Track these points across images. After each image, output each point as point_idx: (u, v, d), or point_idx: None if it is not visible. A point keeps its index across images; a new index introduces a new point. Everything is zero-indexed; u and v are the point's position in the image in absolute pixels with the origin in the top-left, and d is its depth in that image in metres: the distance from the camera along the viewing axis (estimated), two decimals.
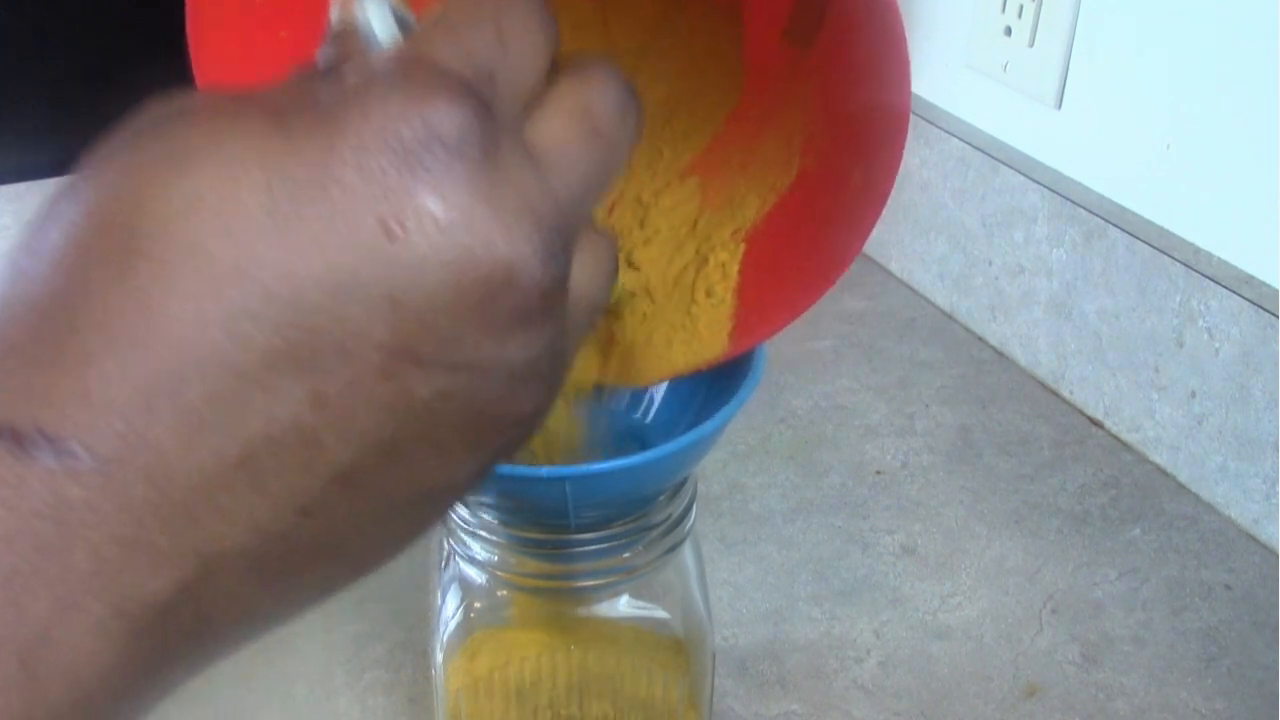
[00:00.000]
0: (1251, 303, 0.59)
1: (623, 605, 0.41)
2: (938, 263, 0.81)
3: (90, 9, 0.85)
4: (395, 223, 0.18)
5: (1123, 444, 0.68)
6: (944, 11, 0.77)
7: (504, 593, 0.40)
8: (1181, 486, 0.65)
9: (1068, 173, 0.70)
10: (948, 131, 0.78)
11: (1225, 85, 0.60)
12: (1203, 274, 0.61)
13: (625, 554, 0.38)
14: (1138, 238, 0.65)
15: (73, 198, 0.19)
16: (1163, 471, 0.66)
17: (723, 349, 0.36)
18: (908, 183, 0.82)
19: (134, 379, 0.17)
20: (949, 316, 0.81)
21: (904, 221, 0.83)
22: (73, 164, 0.20)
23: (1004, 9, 0.71)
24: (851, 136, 0.32)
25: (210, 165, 0.18)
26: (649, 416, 0.40)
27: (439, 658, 0.41)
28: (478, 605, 0.41)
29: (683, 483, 0.38)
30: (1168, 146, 0.63)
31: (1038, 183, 0.71)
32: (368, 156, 0.18)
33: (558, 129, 0.21)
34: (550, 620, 0.42)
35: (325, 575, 0.21)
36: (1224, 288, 0.60)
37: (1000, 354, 0.77)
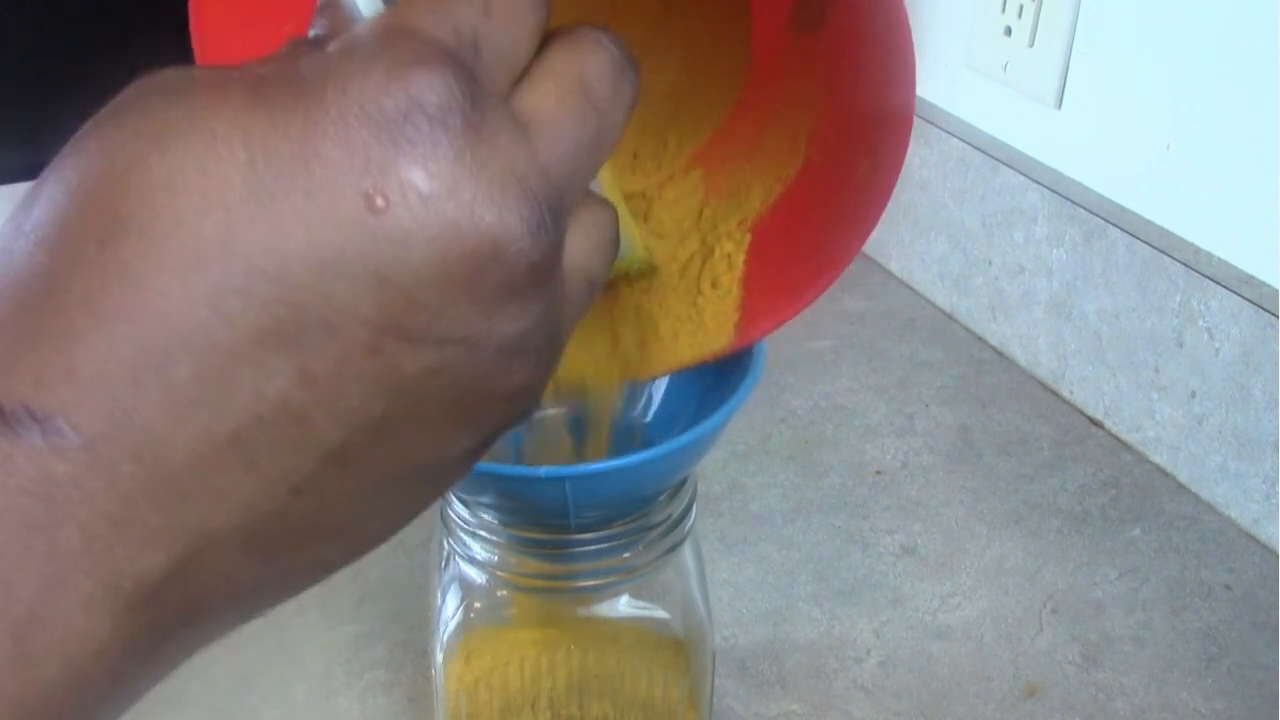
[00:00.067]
0: (1251, 303, 0.59)
1: (623, 605, 0.41)
2: (938, 263, 0.81)
3: (85, 9, 0.85)
4: (379, 196, 0.18)
5: (1123, 444, 0.68)
6: (944, 11, 0.77)
7: (504, 593, 0.40)
8: (1181, 486, 0.65)
9: (1068, 173, 0.70)
10: (948, 131, 0.78)
11: (1225, 85, 0.60)
12: (1203, 274, 0.61)
13: (625, 554, 0.38)
14: (1138, 238, 0.65)
15: (57, 175, 0.18)
16: (1163, 471, 0.66)
17: (729, 340, 0.36)
18: (908, 182, 0.82)
19: (120, 356, 0.17)
20: (949, 316, 0.81)
21: (904, 221, 0.83)
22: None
23: (1004, 9, 0.71)
24: (858, 130, 0.32)
25: (193, 141, 0.18)
26: (649, 415, 0.40)
27: (439, 658, 0.41)
28: (478, 605, 0.41)
29: (683, 483, 0.38)
30: (1168, 146, 0.63)
31: (1038, 183, 0.71)
32: (349, 129, 0.18)
33: (547, 98, 0.21)
34: (550, 620, 0.42)
35: (319, 555, 0.20)
36: (1224, 288, 0.60)
37: (1000, 354, 0.77)
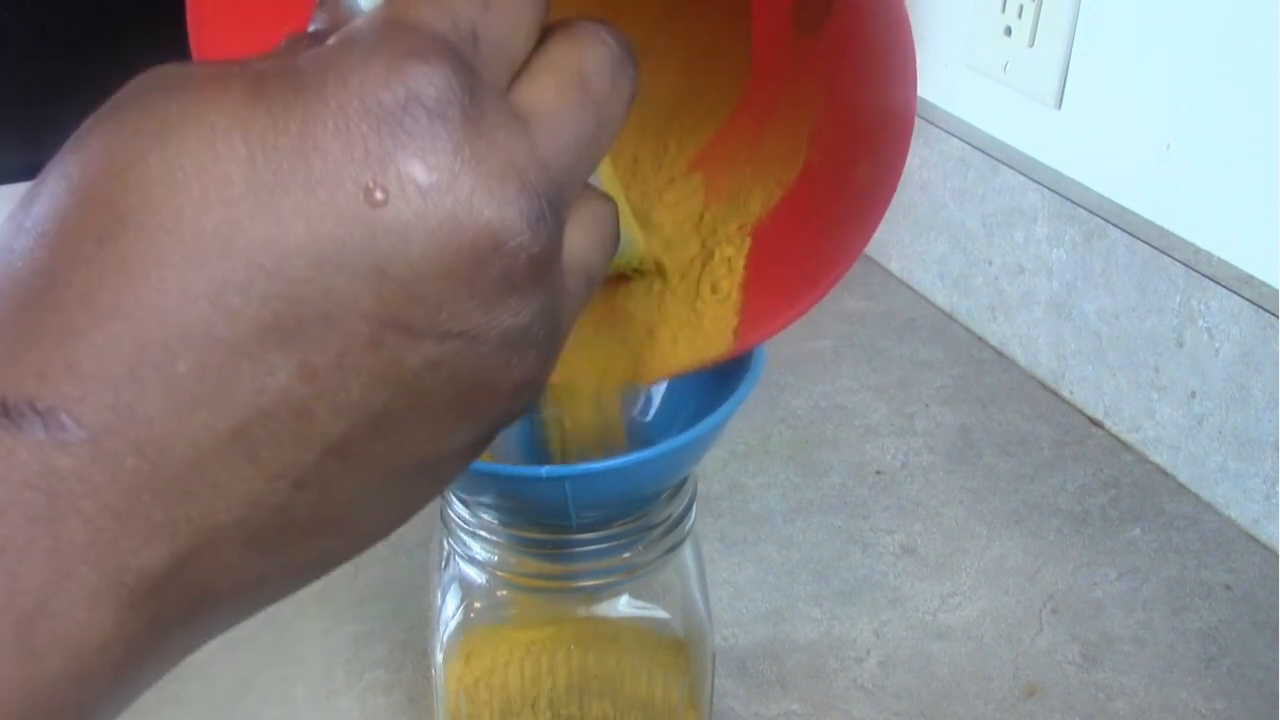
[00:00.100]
0: (1251, 303, 0.59)
1: (623, 605, 0.41)
2: (938, 263, 0.81)
3: (81, 11, 0.85)
4: (378, 189, 0.18)
5: (1123, 444, 0.68)
6: (944, 11, 0.77)
7: (504, 593, 0.40)
8: (1181, 486, 0.65)
9: (1068, 173, 0.70)
10: (948, 131, 0.78)
11: (1225, 85, 0.60)
12: (1203, 274, 0.61)
13: (625, 554, 0.38)
14: (1138, 238, 0.65)
15: (58, 171, 0.19)
16: (1163, 471, 0.66)
17: (728, 345, 0.36)
18: (908, 183, 0.82)
19: (121, 352, 0.17)
20: (949, 316, 0.81)
21: (904, 221, 0.83)
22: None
23: (1004, 9, 0.71)
24: (858, 131, 0.32)
25: (192, 137, 0.18)
26: (649, 415, 0.40)
27: (439, 658, 0.41)
28: (478, 605, 0.41)
29: (683, 483, 0.38)
30: (1168, 146, 0.63)
31: (1038, 183, 0.71)
32: (348, 122, 0.18)
33: (546, 91, 0.21)
34: (550, 620, 0.42)
35: (321, 548, 0.20)
36: (1224, 288, 0.60)
37: (1000, 354, 0.77)
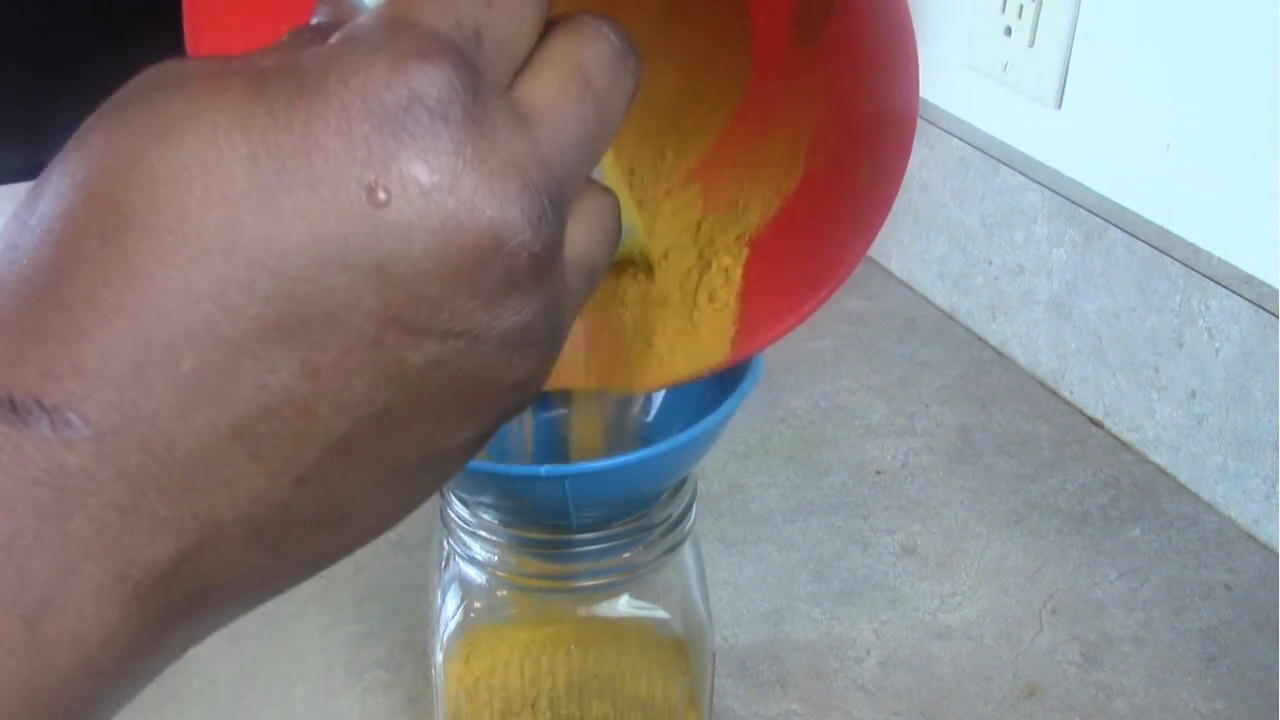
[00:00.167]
0: (1251, 303, 0.59)
1: (623, 605, 0.41)
2: (938, 263, 0.81)
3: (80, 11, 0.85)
4: (380, 189, 0.18)
5: (1123, 444, 0.68)
6: (944, 11, 0.77)
7: (504, 593, 0.40)
8: (1181, 486, 0.65)
9: (1068, 173, 0.70)
10: (948, 131, 0.78)
11: (1225, 85, 0.60)
12: (1203, 274, 0.61)
13: (625, 554, 0.38)
14: (1138, 238, 0.65)
15: (61, 169, 0.19)
16: (1163, 471, 0.66)
17: (725, 355, 0.35)
18: (908, 183, 0.82)
19: (124, 350, 0.17)
20: (949, 316, 0.81)
21: (904, 221, 0.83)
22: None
23: (1004, 9, 0.71)
24: (859, 135, 0.32)
25: (194, 135, 0.18)
26: (649, 415, 0.40)
27: (439, 658, 0.41)
28: (478, 605, 0.41)
29: (683, 483, 0.38)
30: (1168, 146, 0.63)
31: (1038, 183, 0.71)
32: (350, 122, 0.18)
33: (548, 87, 0.21)
34: (550, 620, 0.42)
35: (323, 543, 0.21)
36: (1224, 288, 0.60)
37: (1000, 354, 0.77)
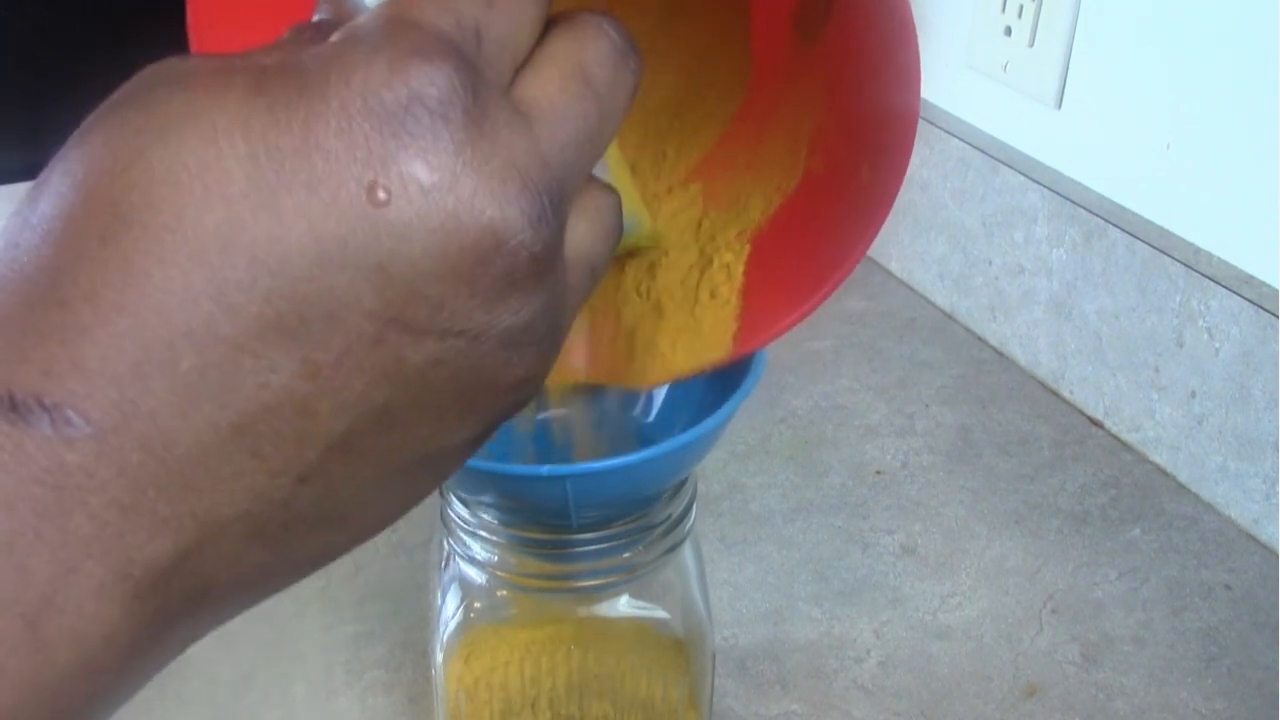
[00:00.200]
0: (1251, 303, 0.59)
1: (623, 605, 0.41)
2: (938, 263, 0.81)
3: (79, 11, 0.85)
4: (380, 188, 0.18)
5: (1123, 444, 0.68)
6: (944, 11, 0.77)
7: (504, 593, 0.40)
8: (1181, 486, 0.65)
9: (1068, 173, 0.70)
10: (948, 131, 0.78)
11: (1225, 85, 0.60)
12: (1203, 274, 0.61)
13: (625, 554, 0.38)
14: (1138, 238, 0.65)
15: (62, 168, 0.19)
16: (1163, 471, 0.66)
17: (727, 352, 0.36)
18: (908, 183, 0.82)
19: (124, 349, 0.17)
20: (949, 316, 0.81)
21: (904, 221, 0.83)
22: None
23: (1004, 9, 0.71)
24: (860, 135, 0.32)
25: (192, 134, 0.18)
26: (650, 416, 0.40)
27: (439, 658, 0.41)
28: (478, 605, 0.41)
29: (683, 483, 0.38)
30: (1168, 146, 0.63)
31: (1038, 183, 0.71)
32: (350, 122, 0.18)
33: (548, 85, 0.21)
34: (550, 620, 0.42)
35: (324, 541, 0.21)
36: (1224, 288, 0.60)
37: (1000, 354, 0.77)
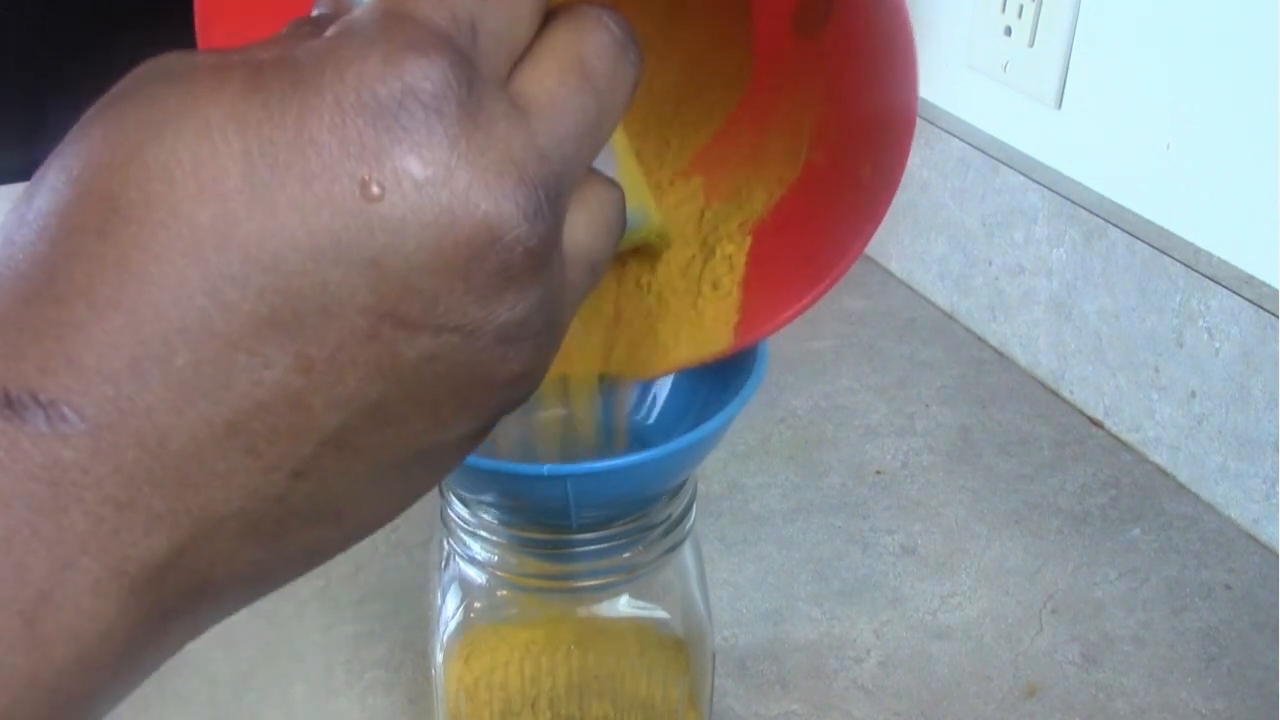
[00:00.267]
0: (1251, 303, 0.59)
1: (623, 605, 0.41)
2: (938, 263, 0.81)
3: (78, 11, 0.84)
4: (374, 183, 0.18)
5: (1123, 444, 0.68)
6: (944, 11, 0.77)
7: (504, 593, 0.40)
8: (1181, 486, 0.65)
9: (1068, 173, 0.70)
10: (948, 131, 0.78)
11: (1225, 85, 0.60)
12: (1203, 274, 0.61)
13: (625, 554, 0.38)
14: (1138, 238, 0.65)
15: (59, 164, 0.19)
16: (1163, 471, 0.66)
17: (728, 342, 0.36)
18: (908, 183, 0.82)
19: (120, 345, 0.17)
20: (949, 316, 0.81)
21: (904, 221, 0.83)
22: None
23: (1004, 9, 0.71)
24: (860, 132, 0.32)
25: (187, 130, 0.18)
26: (652, 417, 0.40)
27: (439, 658, 0.41)
28: (478, 605, 0.41)
29: (683, 483, 0.38)
30: (1168, 146, 0.63)
31: (1038, 183, 0.71)
32: (344, 116, 0.18)
33: (547, 78, 0.21)
34: (550, 620, 0.42)
35: (318, 538, 0.21)
36: (1224, 288, 0.60)
37: (1000, 354, 0.77)
